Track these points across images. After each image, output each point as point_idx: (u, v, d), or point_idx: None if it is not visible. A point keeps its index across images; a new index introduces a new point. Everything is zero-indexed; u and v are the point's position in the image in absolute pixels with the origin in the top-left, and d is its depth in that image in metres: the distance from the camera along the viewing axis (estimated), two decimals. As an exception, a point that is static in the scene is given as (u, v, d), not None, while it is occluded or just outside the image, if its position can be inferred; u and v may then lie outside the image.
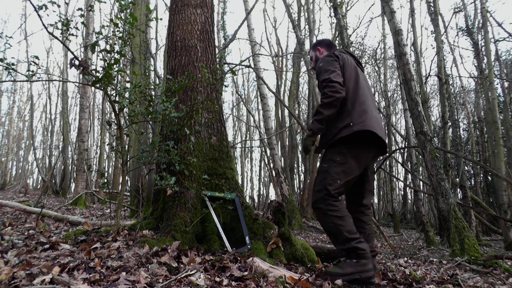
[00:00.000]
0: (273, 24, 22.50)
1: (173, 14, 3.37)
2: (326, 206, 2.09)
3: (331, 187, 2.09)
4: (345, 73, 2.23)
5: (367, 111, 2.16)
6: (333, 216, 2.06)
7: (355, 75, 2.27)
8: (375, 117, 2.20)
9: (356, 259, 2.02)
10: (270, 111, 9.89)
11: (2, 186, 17.26)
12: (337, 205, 2.09)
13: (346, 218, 2.07)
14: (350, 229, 2.05)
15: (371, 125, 2.13)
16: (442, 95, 8.78)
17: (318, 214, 2.16)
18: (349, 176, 2.15)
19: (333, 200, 2.09)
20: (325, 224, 2.12)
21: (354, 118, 2.13)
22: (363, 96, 2.22)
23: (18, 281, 1.46)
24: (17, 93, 26.05)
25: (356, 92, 2.22)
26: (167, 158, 2.72)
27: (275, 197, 9.74)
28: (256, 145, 20.87)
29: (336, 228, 2.06)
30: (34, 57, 2.48)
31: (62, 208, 7.11)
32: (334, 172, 2.12)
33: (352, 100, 2.19)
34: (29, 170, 26.75)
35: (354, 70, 2.30)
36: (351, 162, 2.14)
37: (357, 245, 2.01)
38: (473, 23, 12.44)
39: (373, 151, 2.23)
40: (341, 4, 8.41)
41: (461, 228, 4.09)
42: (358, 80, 2.28)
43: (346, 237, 2.03)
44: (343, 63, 2.26)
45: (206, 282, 1.69)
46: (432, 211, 12.15)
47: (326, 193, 2.10)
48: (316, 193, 2.16)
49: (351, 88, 2.22)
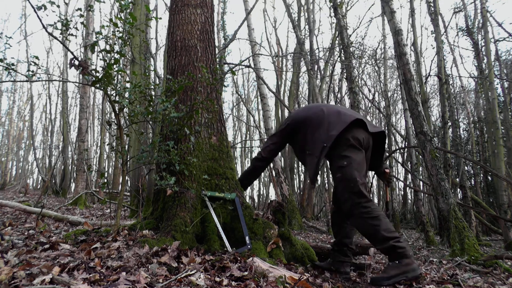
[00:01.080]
0: (273, 24, 22.52)
1: (173, 14, 3.37)
2: (358, 210, 2.11)
3: (356, 189, 2.13)
4: (298, 123, 2.54)
5: (329, 122, 2.32)
6: (368, 218, 2.08)
7: (307, 114, 2.54)
8: (336, 117, 2.33)
9: (398, 259, 2.00)
10: (270, 111, 9.90)
11: (2, 186, 17.27)
12: (369, 206, 2.11)
13: (381, 218, 2.08)
14: (387, 228, 2.05)
15: (337, 128, 2.25)
16: (442, 95, 8.78)
17: (354, 221, 2.20)
18: (362, 170, 2.23)
19: (364, 201, 2.12)
20: (361, 227, 2.14)
21: (323, 138, 2.28)
22: (317, 118, 2.42)
23: (18, 281, 1.46)
24: (17, 93, 26.07)
25: (312, 121, 2.44)
26: (167, 158, 2.71)
27: (275, 197, 9.74)
28: (256, 145, 20.86)
29: (373, 229, 2.07)
30: (34, 57, 2.48)
31: (62, 208, 7.11)
32: (349, 175, 2.16)
33: (315, 129, 2.38)
34: (29, 170, 26.77)
35: (305, 111, 2.61)
36: (356, 157, 2.21)
37: (396, 244, 2.00)
38: (473, 23, 12.45)
39: (360, 134, 2.30)
40: (341, 4, 8.41)
41: (461, 228, 4.08)
42: (311, 112, 2.53)
43: (384, 236, 2.03)
44: (292, 119, 2.61)
45: (206, 282, 1.69)
46: (432, 211, 12.15)
47: (355, 198, 2.12)
48: (345, 202, 2.20)
49: (309, 122, 2.46)
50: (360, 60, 13.36)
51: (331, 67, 13.32)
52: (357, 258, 3.12)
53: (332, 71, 13.20)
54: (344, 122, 2.27)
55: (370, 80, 19.03)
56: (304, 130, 2.48)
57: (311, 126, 2.42)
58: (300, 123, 2.52)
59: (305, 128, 2.47)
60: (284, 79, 18.27)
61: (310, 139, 2.39)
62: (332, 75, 12.97)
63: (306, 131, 2.45)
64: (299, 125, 2.53)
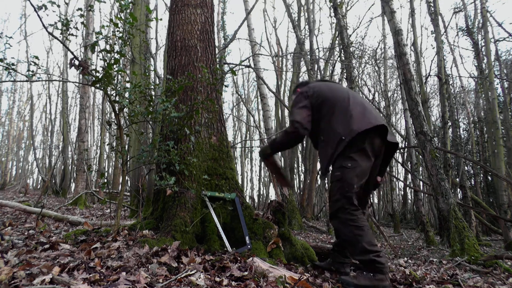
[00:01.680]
0: (273, 24, 22.50)
1: (173, 14, 3.37)
2: (345, 215, 2.06)
3: (349, 193, 2.06)
4: (317, 100, 2.28)
5: (352, 115, 2.15)
6: (352, 226, 2.02)
7: (329, 95, 2.29)
8: (361, 113, 2.18)
9: (373, 272, 1.96)
10: (270, 111, 9.90)
11: (2, 186, 17.26)
12: (356, 215, 2.05)
13: (365, 229, 2.02)
14: (369, 240, 1.99)
15: (359, 125, 2.11)
16: (442, 95, 8.78)
17: (336, 223, 2.13)
18: (362, 178, 2.14)
19: (353, 208, 2.06)
20: (344, 234, 2.09)
21: (342, 130, 2.12)
22: (341, 105, 2.22)
23: (18, 281, 1.46)
24: (17, 93, 26.09)
25: (334, 106, 2.22)
26: (167, 158, 2.72)
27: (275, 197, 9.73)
28: (256, 145, 20.86)
29: (355, 239, 2.01)
30: (34, 57, 2.48)
31: (62, 208, 7.11)
32: (348, 178, 2.08)
33: (335, 116, 2.20)
34: (29, 170, 26.77)
35: (327, 90, 2.33)
36: (362, 164, 2.11)
37: (376, 258, 1.95)
38: (473, 23, 12.45)
39: (376, 141, 2.18)
40: (341, 4, 8.41)
41: (461, 228, 4.09)
42: (334, 94, 2.29)
43: (364, 248, 1.97)
44: (312, 93, 2.31)
45: (206, 282, 1.69)
46: (432, 211, 12.16)
47: (345, 202, 2.06)
48: (334, 203, 2.12)
49: (330, 106, 2.24)
50: (360, 60, 13.37)
51: (331, 67, 13.33)
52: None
53: (332, 71, 13.20)
54: (369, 122, 2.13)
55: (370, 80, 19.04)
56: (322, 110, 2.26)
57: (331, 110, 2.22)
58: (322, 100, 2.27)
59: (324, 109, 2.25)
60: (284, 79, 18.28)
61: (327, 125, 2.22)
62: (332, 75, 12.97)
63: (324, 114, 2.24)
64: (319, 102, 2.28)
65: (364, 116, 2.16)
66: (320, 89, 2.33)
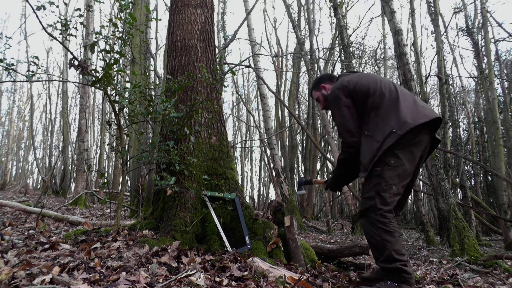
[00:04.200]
0: (273, 24, 22.49)
1: (173, 14, 3.37)
2: (376, 215, 1.86)
3: (385, 193, 1.87)
4: (359, 93, 2.05)
5: (400, 109, 1.94)
6: (382, 229, 1.83)
7: (373, 86, 2.06)
8: (410, 108, 1.95)
9: (399, 282, 1.79)
10: (270, 111, 9.90)
11: (2, 186, 17.27)
12: (388, 218, 1.86)
13: (396, 235, 1.84)
14: (398, 249, 1.82)
15: (414, 118, 1.89)
16: (442, 95, 8.78)
17: (365, 223, 1.93)
18: (403, 180, 1.94)
19: (386, 210, 1.86)
20: (371, 236, 1.89)
21: (394, 122, 1.90)
22: (390, 97, 2.00)
23: (18, 281, 1.46)
24: (17, 93, 26.08)
25: (382, 97, 2.01)
26: (167, 158, 2.72)
27: (275, 197, 9.73)
28: (256, 145, 20.87)
29: (382, 243, 1.83)
30: (34, 57, 2.48)
31: (62, 208, 7.11)
32: (388, 177, 1.88)
33: (384, 108, 1.98)
34: (29, 170, 26.77)
35: (370, 80, 2.09)
36: (406, 164, 1.91)
37: (402, 267, 1.79)
38: (473, 23, 12.45)
39: (426, 138, 1.98)
40: (341, 4, 8.41)
41: (461, 228, 4.09)
42: (379, 85, 2.06)
43: (392, 256, 1.80)
44: (353, 86, 2.07)
45: (206, 282, 1.69)
46: (432, 211, 12.16)
47: (379, 201, 1.86)
48: (367, 200, 1.92)
49: (376, 97, 2.01)
50: (360, 60, 13.37)
51: (331, 67, 13.33)
52: (357, 258, 3.12)
53: (332, 71, 13.20)
54: (425, 115, 1.91)
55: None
56: (367, 104, 2.02)
57: (378, 102, 1.99)
58: (365, 93, 2.03)
59: (369, 102, 2.02)
60: (284, 79, 18.28)
61: (372, 118, 1.98)
62: (332, 75, 12.95)
63: (370, 107, 2.01)
64: (363, 95, 2.04)
65: (417, 108, 1.94)
66: (360, 81, 2.08)
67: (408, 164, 1.92)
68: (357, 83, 2.07)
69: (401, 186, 1.92)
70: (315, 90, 2.39)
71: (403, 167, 1.90)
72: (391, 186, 1.88)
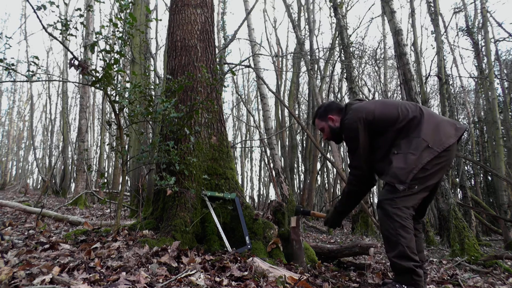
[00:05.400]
0: (273, 24, 22.46)
1: (173, 14, 3.37)
2: (392, 208, 1.82)
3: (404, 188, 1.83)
4: (381, 123, 2.02)
5: (425, 123, 1.95)
6: (397, 223, 1.79)
7: (394, 112, 2.02)
8: (440, 126, 1.95)
9: (407, 285, 1.75)
10: (270, 111, 9.89)
11: (2, 186, 17.27)
12: (406, 213, 1.82)
13: (411, 232, 1.80)
14: (412, 247, 1.78)
15: (446, 140, 1.90)
16: (442, 95, 8.78)
17: (381, 214, 1.88)
18: (426, 191, 1.92)
19: (405, 206, 1.83)
20: (385, 228, 1.84)
21: (429, 139, 1.89)
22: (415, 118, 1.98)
23: (18, 281, 1.46)
24: (17, 93, 26.09)
25: (408, 120, 1.98)
26: (167, 158, 2.72)
27: (275, 197, 9.73)
28: (256, 145, 20.87)
29: (395, 237, 1.78)
30: (34, 57, 2.48)
31: (62, 208, 7.11)
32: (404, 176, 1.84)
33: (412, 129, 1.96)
34: (29, 170, 26.78)
35: (389, 107, 2.06)
36: (431, 179, 1.89)
37: (415, 268, 1.74)
38: (473, 23, 12.45)
39: (453, 148, 1.95)
40: (341, 4, 8.41)
41: (461, 228, 4.09)
42: (400, 108, 2.03)
43: (405, 253, 1.76)
44: (372, 117, 2.02)
45: (206, 282, 1.69)
46: (432, 211, 12.15)
47: (399, 195, 1.83)
48: (387, 192, 1.88)
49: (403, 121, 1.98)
50: (360, 60, 13.37)
51: (331, 67, 13.33)
52: (357, 258, 3.12)
53: (332, 71, 13.21)
54: (454, 134, 1.93)
55: (370, 80, 19.03)
56: (385, 131, 2.00)
57: (401, 127, 1.96)
58: (383, 122, 2.01)
59: (388, 129, 1.99)
60: (284, 79, 18.27)
61: (404, 140, 1.94)
62: (332, 75, 12.97)
63: (392, 132, 1.98)
64: (377, 125, 2.01)
65: (448, 127, 1.95)
66: (381, 110, 2.04)
67: (434, 180, 1.92)
68: (376, 113, 2.03)
69: (424, 187, 1.89)
70: (321, 120, 2.29)
71: (428, 179, 1.89)
72: (413, 186, 1.85)
